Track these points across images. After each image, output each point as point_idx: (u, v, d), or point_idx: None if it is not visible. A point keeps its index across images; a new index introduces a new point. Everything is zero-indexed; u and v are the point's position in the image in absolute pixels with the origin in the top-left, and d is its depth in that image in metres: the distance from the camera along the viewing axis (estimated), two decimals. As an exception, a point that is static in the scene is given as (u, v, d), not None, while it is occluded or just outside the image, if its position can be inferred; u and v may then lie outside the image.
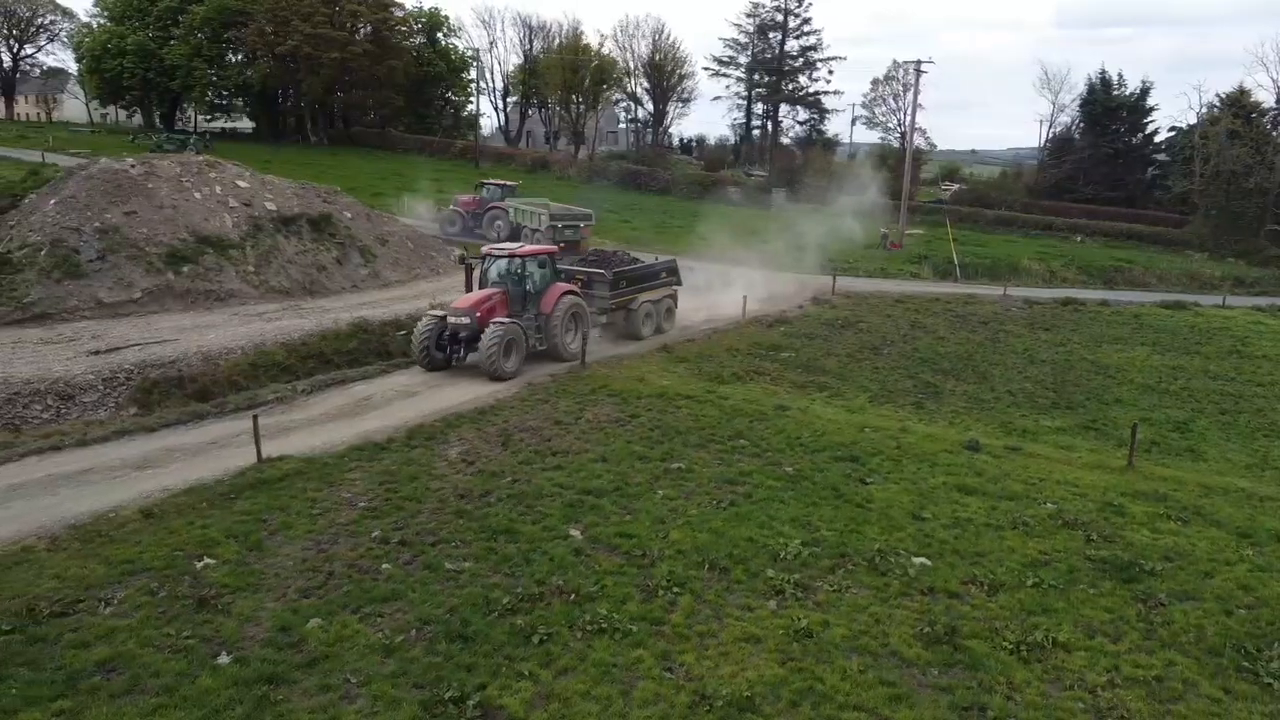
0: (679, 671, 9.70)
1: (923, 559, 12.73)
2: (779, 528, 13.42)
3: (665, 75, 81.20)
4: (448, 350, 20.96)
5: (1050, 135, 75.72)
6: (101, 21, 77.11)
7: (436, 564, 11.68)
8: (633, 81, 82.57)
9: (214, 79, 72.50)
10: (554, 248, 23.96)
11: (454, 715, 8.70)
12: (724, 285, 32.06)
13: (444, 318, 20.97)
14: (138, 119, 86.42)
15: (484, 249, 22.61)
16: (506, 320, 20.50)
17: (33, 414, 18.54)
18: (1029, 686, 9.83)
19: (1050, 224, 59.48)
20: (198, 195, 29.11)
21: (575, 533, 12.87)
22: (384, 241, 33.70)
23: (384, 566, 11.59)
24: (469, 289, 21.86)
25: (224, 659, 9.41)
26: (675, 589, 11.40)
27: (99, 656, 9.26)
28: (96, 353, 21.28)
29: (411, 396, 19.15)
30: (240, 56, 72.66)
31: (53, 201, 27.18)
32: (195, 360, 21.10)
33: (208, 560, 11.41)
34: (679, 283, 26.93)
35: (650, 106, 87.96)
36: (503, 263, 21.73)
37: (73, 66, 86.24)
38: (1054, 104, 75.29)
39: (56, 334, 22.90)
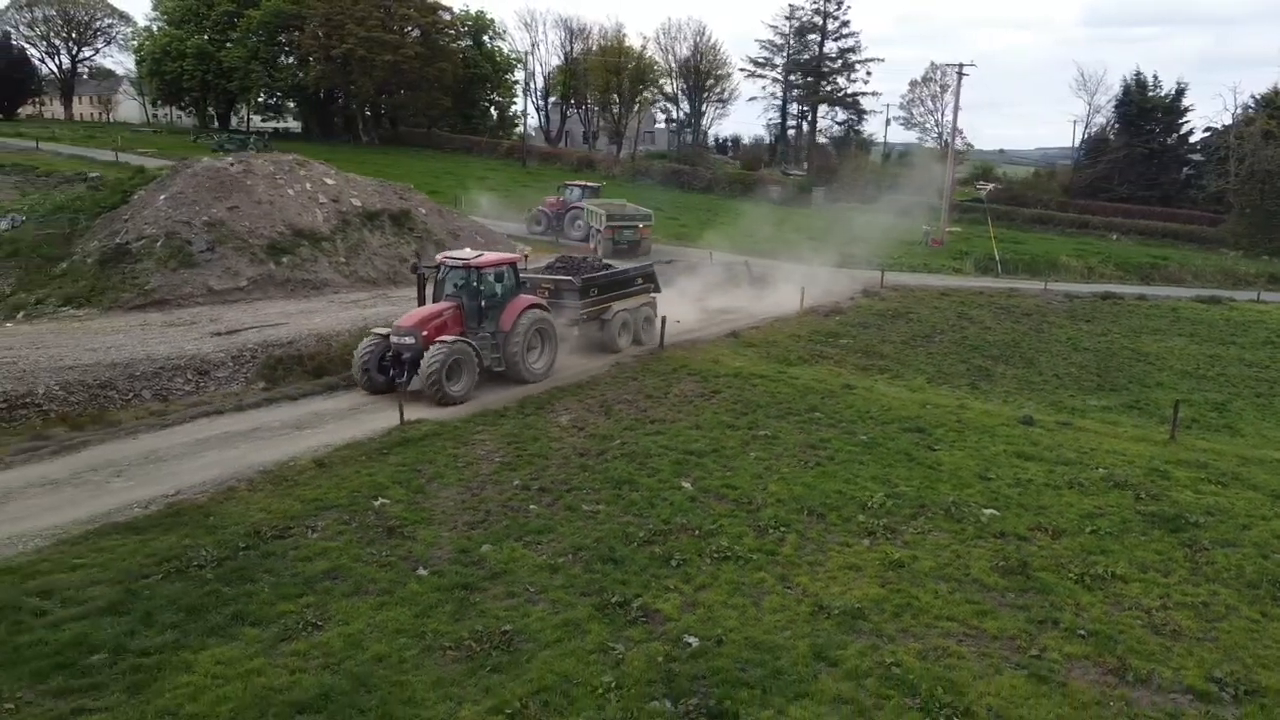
0: (796, 589, 11.56)
1: (992, 510, 14.51)
2: (862, 483, 15.25)
3: (703, 76, 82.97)
4: (390, 373, 18.89)
5: (1085, 135, 76.91)
6: (160, 26, 79.90)
7: (575, 506, 13.62)
8: (672, 83, 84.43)
9: (269, 80, 75.09)
10: (516, 257, 21.51)
11: (621, 614, 10.60)
12: (777, 279, 33.88)
13: (387, 336, 18.90)
14: (190, 119, 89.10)
15: (438, 257, 20.58)
16: (452, 339, 18.38)
17: (176, 386, 20.67)
18: (1093, 607, 11.60)
19: (1086, 222, 60.75)
20: (290, 192, 31.30)
21: (686, 484, 14.76)
22: (455, 235, 35.74)
23: (531, 507, 13.54)
24: (421, 303, 19.82)
25: (422, 571, 11.37)
26: (782, 529, 13.26)
27: (323, 567, 11.26)
28: (219, 334, 23.42)
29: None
30: (294, 59, 75.15)
31: (162, 198, 29.44)
32: (310, 341, 23.14)
33: (383, 500, 13.40)
34: (658, 289, 25.24)
35: (687, 107, 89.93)
36: (457, 274, 19.58)
37: (130, 69, 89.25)
38: (1089, 105, 76.53)
39: (176, 318, 25.07)
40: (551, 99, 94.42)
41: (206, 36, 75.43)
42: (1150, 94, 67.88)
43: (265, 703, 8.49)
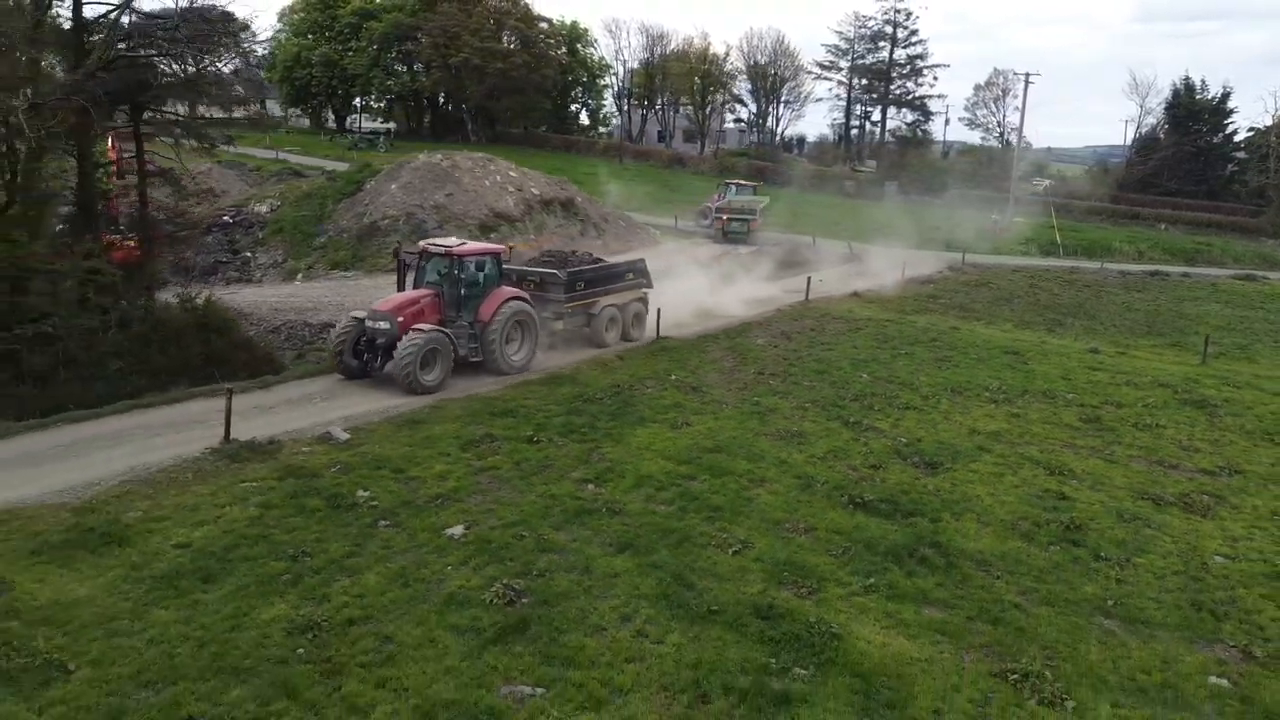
0: (956, 423, 18.66)
1: (1073, 394, 21.51)
2: (982, 379, 22.30)
3: (779, 81, 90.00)
4: (364, 358, 18.90)
5: (1137, 135, 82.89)
6: (286, 35, 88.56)
7: (797, 382, 20.83)
8: (753, 85, 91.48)
9: (390, 86, 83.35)
10: (500, 248, 21.30)
11: (858, 428, 17.75)
12: (873, 258, 40.95)
13: (363, 320, 18.78)
14: (305, 122, 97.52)
15: (421, 244, 20.47)
16: (429, 327, 18.23)
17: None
18: (1143, 436, 18.56)
19: (1137, 214, 66.82)
20: (487, 182, 38.93)
21: (864, 375, 21.93)
22: (606, 219, 43.22)
23: (770, 382, 20.79)
24: (400, 288, 19.79)
25: (726, 407, 18.63)
26: (937, 396, 20.39)
27: (669, 402, 18.55)
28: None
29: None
30: (413, 66, 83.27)
31: (394, 186, 37.21)
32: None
33: (675, 375, 20.72)
34: (649, 284, 24.75)
35: (753, 107, 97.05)
36: (439, 261, 19.58)
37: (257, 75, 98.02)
38: (1141, 107, 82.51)
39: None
40: (631, 100, 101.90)
41: (330, 46, 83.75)
42: (1198, 97, 73.65)
43: (672, 453, 15.69)
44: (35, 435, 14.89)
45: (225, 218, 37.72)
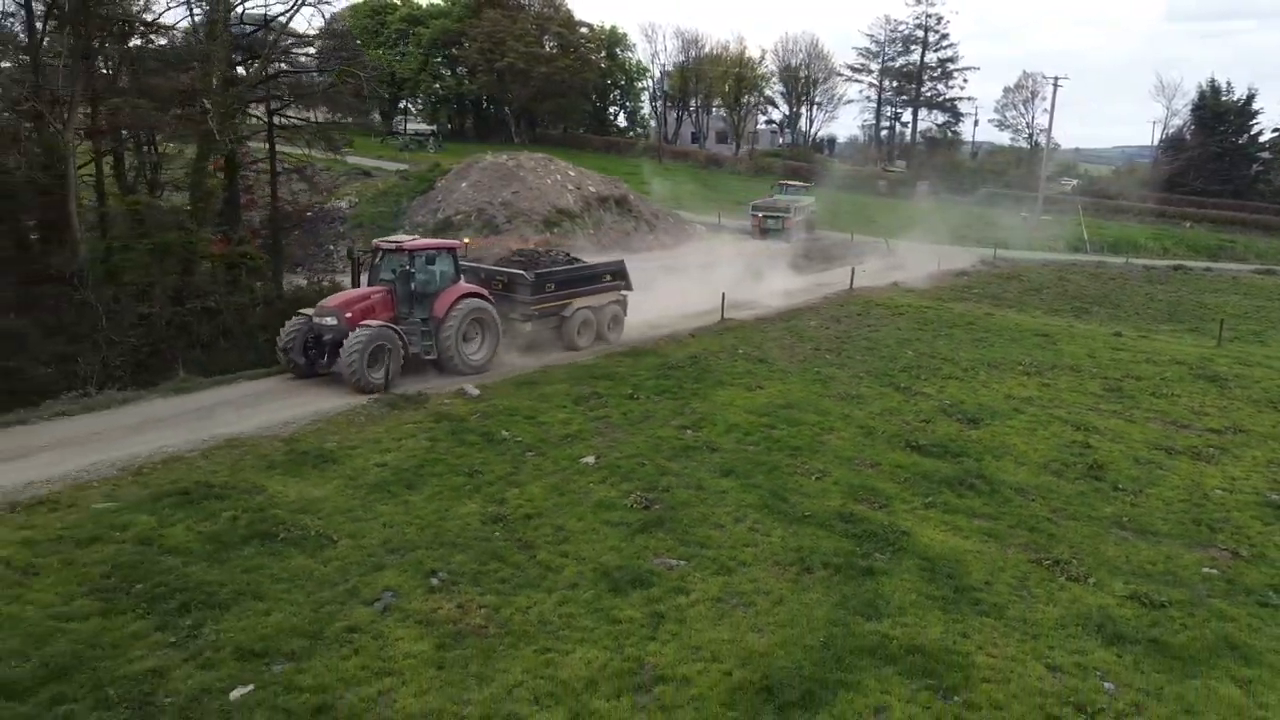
0: (993, 389, 21.28)
1: (1097, 369, 24.07)
2: (1013, 356, 24.88)
3: (813, 84, 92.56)
4: (311, 355, 18.47)
5: (1164, 136, 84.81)
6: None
7: (850, 356, 23.51)
8: (786, 88, 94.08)
9: (436, 89, 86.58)
10: (456, 243, 20.64)
11: (907, 392, 20.43)
12: (906, 254, 43.51)
13: (311, 317, 18.41)
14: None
15: (374, 241, 20.21)
16: (376, 324, 17.86)
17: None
18: (1159, 402, 21.11)
19: (1163, 212, 68.75)
20: (549, 181, 41.83)
21: (910, 352, 24.58)
22: (656, 216, 46.02)
23: (826, 357, 23.48)
24: (355, 285, 19.68)
25: (790, 372, 21.37)
26: (976, 369, 23.02)
27: (741, 370, 21.31)
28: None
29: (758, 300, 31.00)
30: (460, 70, 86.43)
31: (464, 184, 40.20)
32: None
33: (742, 349, 23.45)
34: (628, 287, 24.10)
35: (789, 109, 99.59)
36: (391, 258, 19.29)
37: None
38: (1167, 109, 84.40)
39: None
40: (666, 103, 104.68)
41: (382, 50, 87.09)
42: (1224, 99, 75.50)
43: (751, 408, 18.42)
44: (224, 389, 17.90)
45: (308, 214, 40.73)
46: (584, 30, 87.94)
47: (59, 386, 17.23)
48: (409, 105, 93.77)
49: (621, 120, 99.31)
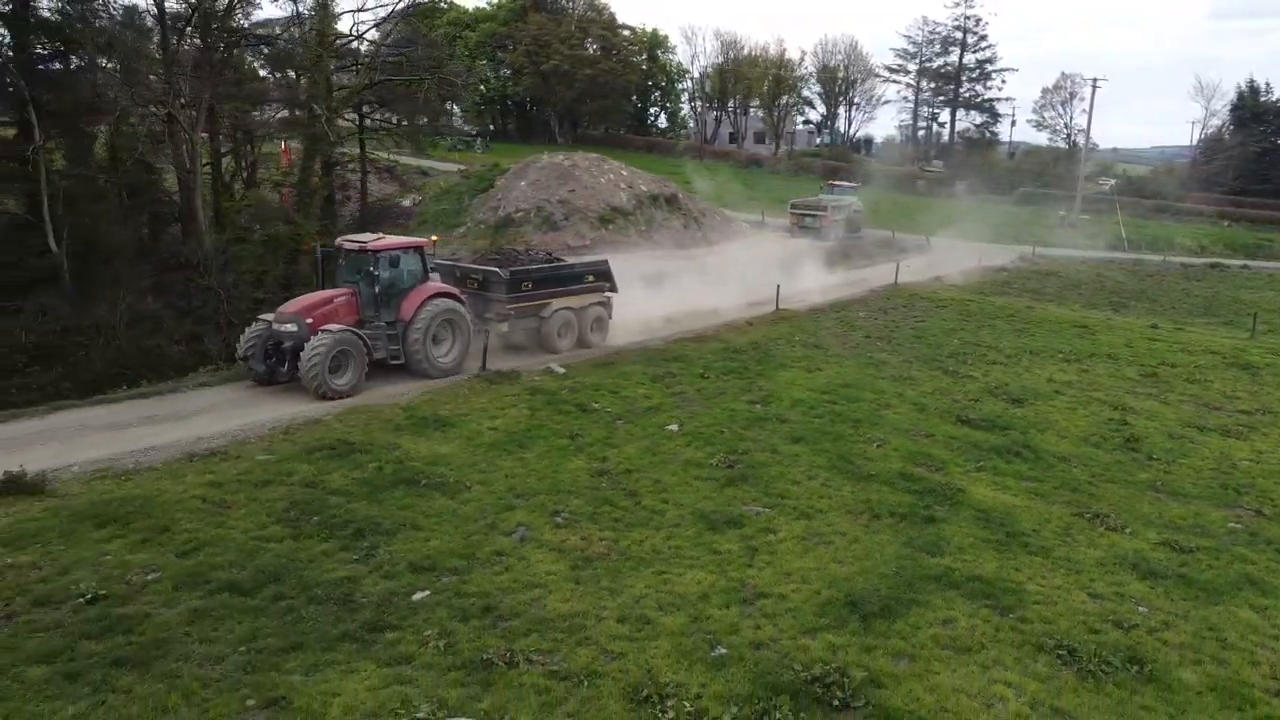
0: (1036, 373, 22.81)
1: (1134, 358, 25.50)
2: (1054, 345, 26.36)
3: (851, 85, 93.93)
4: (274, 361, 17.72)
5: (1202, 136, 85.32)
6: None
7: (900, 344, 25.12)
8: (824, 89, 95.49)
9: (482, 91, 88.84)
10: (424, 241, 19.70)
11: (955, 375, 22.03)
12: (946, 251, 44.94)
13: (271, 323, 17.75)
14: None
15: (338, 240, 19.31)
16: (339, 328, 17.18)
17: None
18: (1192, 386, 22.53)
19: (1201, 211, 69.39)
20: (603, 180, 43.65)
21: (955, 340, 26.12)
22: (704, 214, 47.70)
23: (877, 343, 25.12)
24: (320, 287, 18.76)
25: (859, 346, 23.04)
26: (1019, 356, 24.55)
27: (798, 354, 23.02)
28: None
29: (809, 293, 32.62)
30: (506, 72, 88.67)
31: (523, 183, 42.12)
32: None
33: (797, 337, 25.15)
34: (613, 288, 23.17)
35: (826, 109, 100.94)
36: (354, 258, 18.46)
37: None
38: (1206, 109, 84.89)
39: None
40: (705, 104, 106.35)
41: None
42: (1262, 99, 75.94)
43: (813, 386, 20.04)
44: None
45: (394, 209, 42.91)
46: (626, 33, 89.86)
47: (190, 363, 19.28)
48: (454, 106, 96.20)
49: (662, 121, 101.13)
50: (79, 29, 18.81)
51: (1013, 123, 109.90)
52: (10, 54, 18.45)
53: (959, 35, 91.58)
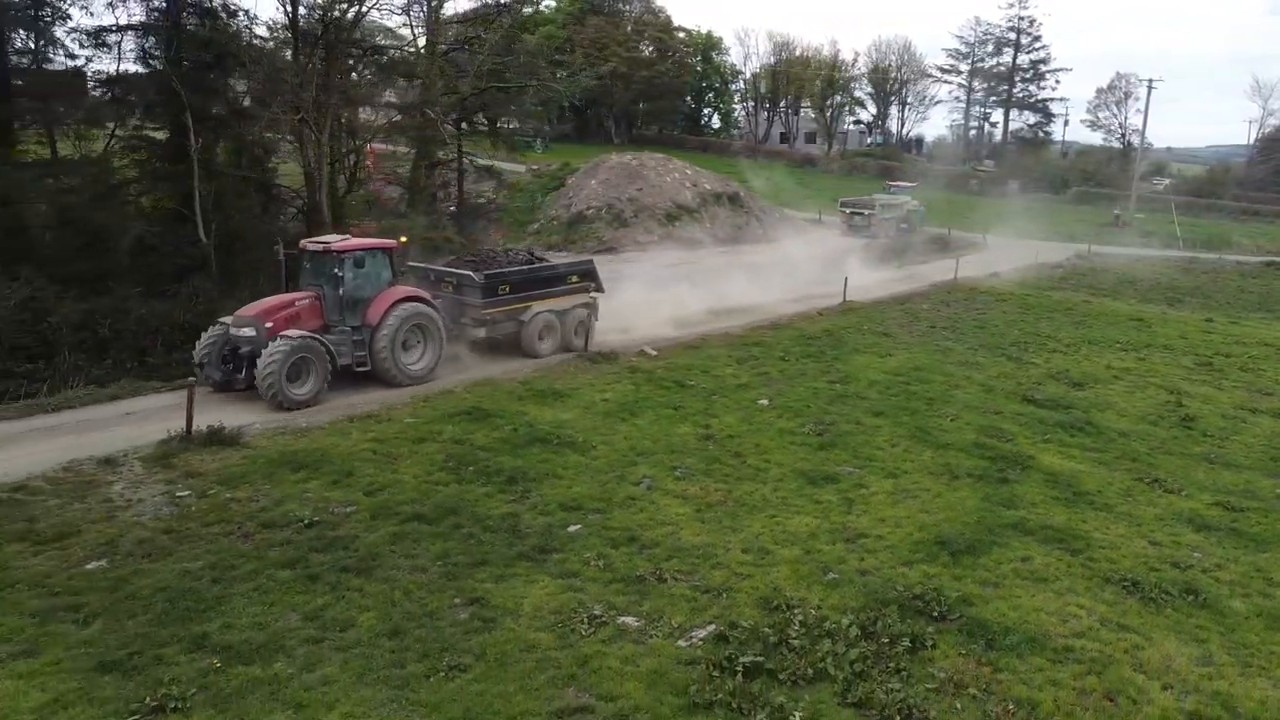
0: (1095, 362, 24.20)
1: (1189, 348, 26.75)
2: (1111, 336, 27.69)
3: (903, 85, 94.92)
4: (231, 367, 16.99)
5: (1259, 135, 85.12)
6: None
7: (964, 333, 26.62)
8: (875, 89, 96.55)
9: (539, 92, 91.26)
10: (391, 242, 18.69)
11: (1020, 361, 23.52)
12: (1003, 248, 46.12)
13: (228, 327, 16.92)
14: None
15: (302, 243, 18.25)
16: (298, 334, 16.35)
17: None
18: (1244, 375, 23.78)
19: (1257, 211, 69.60)
20: (668, 179, 45.47)
21: (1015, 331, 27.57)
22: (764, 211, 49.35)
23: (942, 332, 26.64)
24: (288, 290, 17.78)
25: (909, 341, 24.61)
26: (1078, 347, 25.94)
27: (869, 341, 24.62)
28: (673, 265, 37.37)
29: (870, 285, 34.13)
30: (563, 74, 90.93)
31: (593, 181, 44.07)
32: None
33: (866, 326, 26.75)
34: (598, 289, 22.33)
35: (877, 110, 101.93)
36: (318, 260, 17.59)
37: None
38: (1264, 108, 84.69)
39: (624, 258, 39.18)
40: (757, 104, 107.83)
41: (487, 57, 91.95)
42: (1322, 98, 75.75)
43: (886, 369, 21.68)
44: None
45: (450, 207, 45.10)
46: (681, 35, 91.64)
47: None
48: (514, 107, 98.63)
49: (715, 122, 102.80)
50: (226, 44, 21.03)
51: (1065, 122, 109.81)
52: (168, 65, 20.66)
53: (1012, 36, 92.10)
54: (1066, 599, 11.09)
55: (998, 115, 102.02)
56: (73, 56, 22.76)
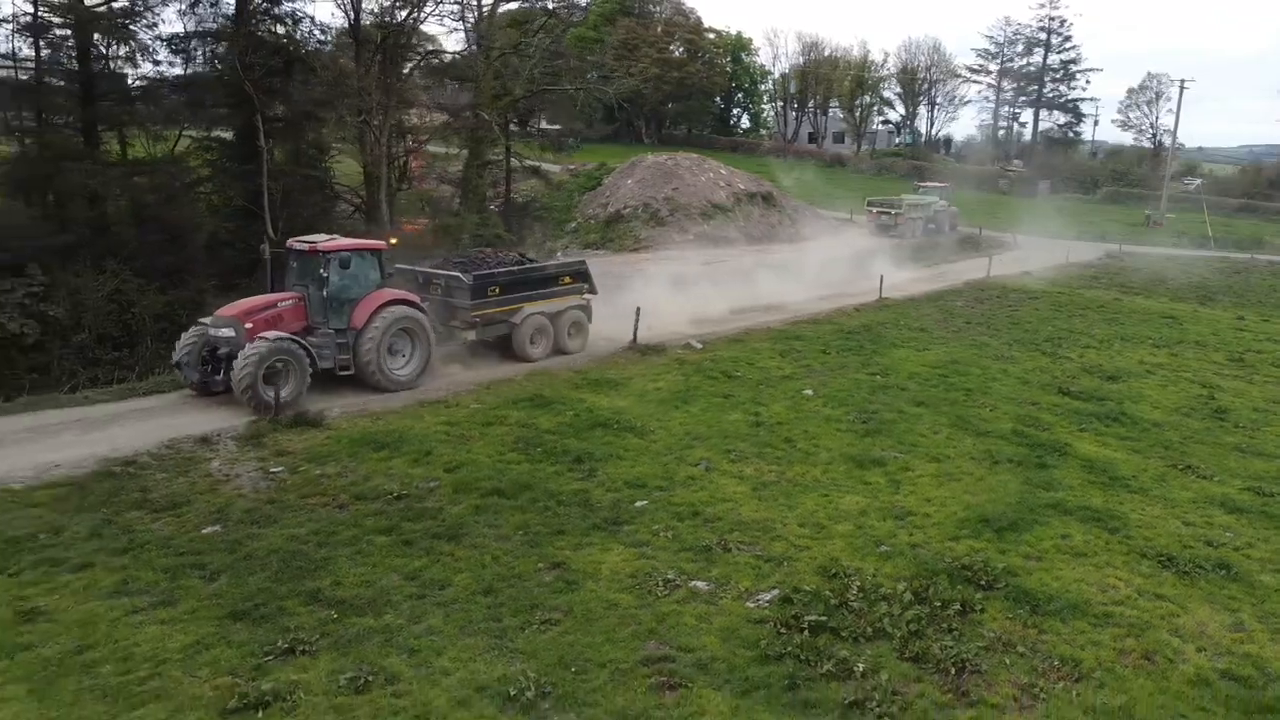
0: (1128, 357, 24.80)
1: (1220, 345, 27.27)
2: (1144, 332, 28.24)
3: (933, 85, 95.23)
4: (210, 369, 16.71)
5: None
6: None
7: (998, 329, 27.26)
8: (904, 89, 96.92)
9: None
10: (380, 243, 18.49)
11: (1053, 355, 24.17)
12: (1034, 247, 46.62)
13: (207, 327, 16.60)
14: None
15: (288, 242, 17.88)
16: (275, 335, 15.98)
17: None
18: (1275, 376, 24.33)
19: (1290, 211, 69.55)
20: (703, 179, 46.30)
21: (1049, 327, 28.19)
22: (797, 210, 50.06)
23: (976, 328, 27.30)
24: (272, 290, 17.53)
25: (943, 336, 25.32)
26: (1111, 342, 26.54)
27: (906, 335, 25.35)
28: (706, 264, 38.23)
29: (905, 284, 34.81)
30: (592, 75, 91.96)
31: (629, 181, 44.98)
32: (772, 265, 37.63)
33: (902, 322, 27.47)
34: (591, 289, 21.98)
35: (906, 109, 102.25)
36: (304, 260, 17.23)
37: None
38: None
39: (662, 256, 40.09)
40: (786, 104, 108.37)
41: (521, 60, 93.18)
42: (1357, 98, 75.32)
43: (925, 362, 22.39)
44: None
45: (492, 207, 46.18)
46: (711, 36, 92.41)
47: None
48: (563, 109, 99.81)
49: (745, 122, 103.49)
50: (294, 50, 22.13)
51: (1095, 122, 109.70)
52: (240, 70, 21.78)
53: (1043, 36, 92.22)
54: (1105, 572, 11.85)
55: (1027, 115, 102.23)
56: (156, 62, 24.13)
